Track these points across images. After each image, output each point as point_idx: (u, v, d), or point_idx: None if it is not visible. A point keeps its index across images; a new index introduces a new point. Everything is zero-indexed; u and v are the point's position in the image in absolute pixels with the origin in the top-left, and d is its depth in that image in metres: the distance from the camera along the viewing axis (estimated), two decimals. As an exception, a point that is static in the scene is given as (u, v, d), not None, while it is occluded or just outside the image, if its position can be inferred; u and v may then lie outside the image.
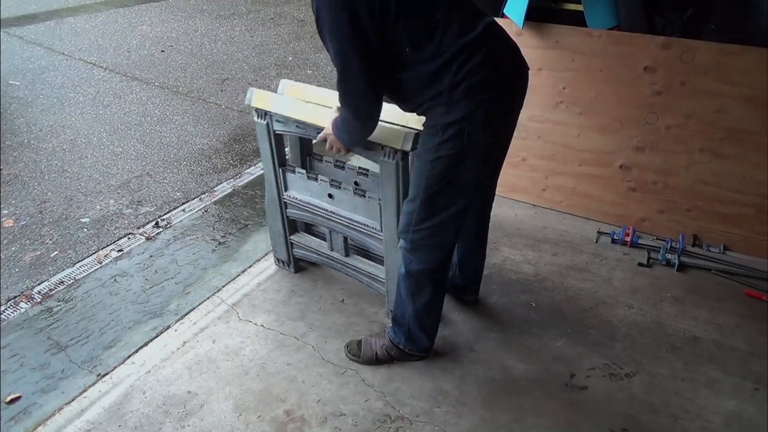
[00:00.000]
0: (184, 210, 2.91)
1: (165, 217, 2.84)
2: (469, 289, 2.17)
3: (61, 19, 6.17)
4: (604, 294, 2.30)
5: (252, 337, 2.05)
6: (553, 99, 2.60)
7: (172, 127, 3.84)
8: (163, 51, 5.36)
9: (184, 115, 4.05)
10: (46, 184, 3.09)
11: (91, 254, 2.55)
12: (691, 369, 1.95)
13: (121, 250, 2.57)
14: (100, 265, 2.47)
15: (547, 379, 1.91)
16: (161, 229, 2.74)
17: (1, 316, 2.17)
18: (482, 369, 1.94)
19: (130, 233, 2.71)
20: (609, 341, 2.06)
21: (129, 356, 1.98)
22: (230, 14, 6.74)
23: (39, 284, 2.35)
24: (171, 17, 6.50)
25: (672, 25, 2.48)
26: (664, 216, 2.59)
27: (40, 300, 2.26)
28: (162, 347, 2.02)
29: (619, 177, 2.61)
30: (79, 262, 2.50)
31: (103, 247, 2.60)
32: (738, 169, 2.37)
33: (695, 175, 2.45)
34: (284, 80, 2.15)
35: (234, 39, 5.82)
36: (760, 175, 2.33)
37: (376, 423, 1.73)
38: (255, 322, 2.12)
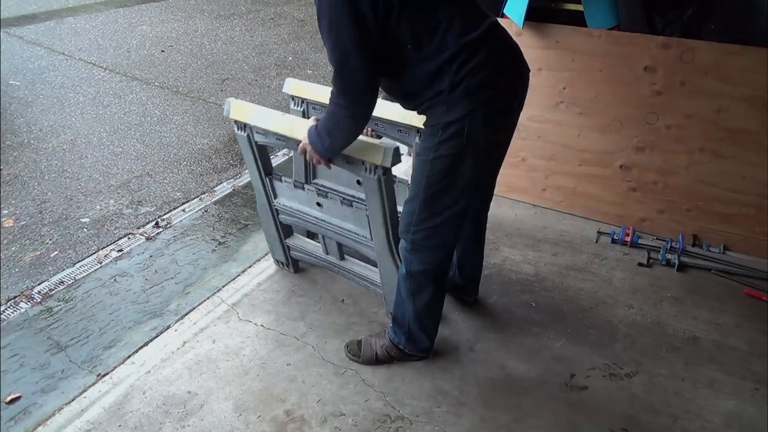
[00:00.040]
0: (184, 210, 2.91)
1: (165, 217, 2.84)
2: (469, 289, 2.17)
3: (61, 19, 6.16)
4: (604, 294, 2.30)
5: (252, 337, 2.05)
6: (553, 99, 2.60)
7: (172, 127, 3.84)
8: (163, 51, 5.36)
9: (184, 115, 4.05)
10: (46, 184, 3.09)
11: (91, 254, 2.55)
12: (691, 369, 1.95)
13: (121, 250, 2.57)
14: (100, 265, 2.47)
15: (547, 379, 1.91)
16: (161, 229, 2.74)
17: (1, 316, 2.17)
18: (482, 369, 1.94)
19: (130, 233, 2.71)
20: (609, 341, 2.06)
21: (129, 356, 1.98)
22: (230, 14, 6.74)
23: (39, 284, 2.35)
24: (171, 17, 6.50)
25: (672, 25, 2.48)
26: (664, 216, 2.59)
27: (40, 300, 2.26)
28: (162, 347, 2.02)
29: (619, 177, 2.61)
30: (79, 262, 2.50)
31: (103, 247, 2.60)
32: (738, 169, 2.37)
33: (695, 175, 2.45)
34: (290, 79, 2.14)
35: (234, 39, 5.82)
36: (760, 175, 2.33)
37: (376, 423, 1.73)
38: (255, 322, 2.12)
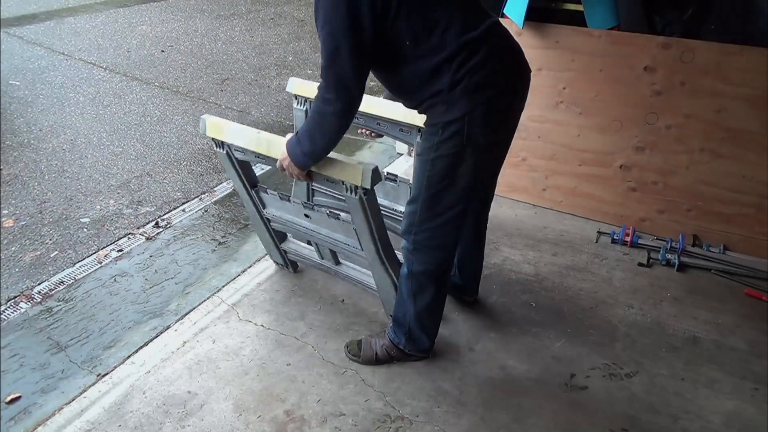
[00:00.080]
0: (184, 210, 2.91)
1: (165, 217, 2.84)
2: (469, 289, 2.17)
3: (61, 19, 6.16)
4: (604, 294, 2.30)
5: (252, 337, 2.05)
6: (553, 99, 2.60)
7: (172, 127, 3.84)
8: (163, 51, 5.36)
9: (184, 115, 4.05)
10: (46, 184, 3.08)
11: (91, 254, 2.55)
12: (691, 369, 1.95)
13: (121, 250, 2.57)
14: (100, 265, 2.47)
15: (547, 379, 1.90)
16: (161, 229, 2.74)
17: (1, 316, 2.17)
18: (482, 369, 1.94)
19: (130, 233, 2.71)
20: (609, 341, 2.06)
21: (129, 356, 1.98)
22: (230, 14, 6.74)
23: (39, 284, 2.35)
24: (171, 17, 6.50)
25: (672, 25, 2.48)
26: (664, 216, 2.59)
27: (40, 300, 2.26)
28: (162, 347, 2.01)
29: (619, 177, 2.61)
30: (79, 262, 2.50)
31: (103, 247, 2.60)
32: (738, 169, 2.37)
33: (695, 175, 2.45)
34: (293, 78, 2.14)
35: (234, 39, 5.82)
36: (760, 175, 2.33)
37: (376, 423, 1.73)
38: (255, 322, 2.12)
